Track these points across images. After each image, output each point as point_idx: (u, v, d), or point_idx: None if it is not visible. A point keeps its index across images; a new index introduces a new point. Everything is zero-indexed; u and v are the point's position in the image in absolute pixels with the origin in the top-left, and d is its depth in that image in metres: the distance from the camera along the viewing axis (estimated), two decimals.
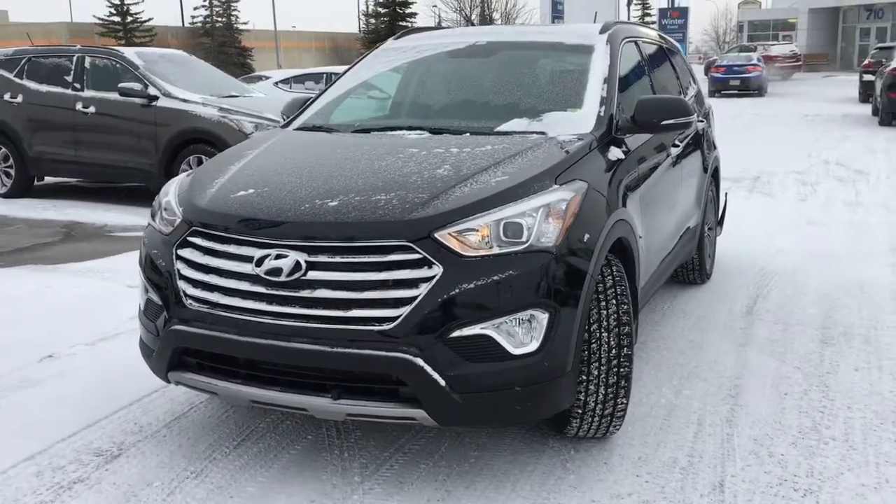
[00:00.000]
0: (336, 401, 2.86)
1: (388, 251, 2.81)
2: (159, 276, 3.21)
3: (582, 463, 3.19)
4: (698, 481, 3.04)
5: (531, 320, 2.82)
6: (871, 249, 6.80)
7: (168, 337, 3.11)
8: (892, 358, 4.26)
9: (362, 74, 4.51)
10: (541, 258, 2.84)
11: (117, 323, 4.95)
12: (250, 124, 8.73)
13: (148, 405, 3.79)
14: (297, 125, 4.18)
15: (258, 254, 2.92)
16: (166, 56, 9.98)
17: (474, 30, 5.00)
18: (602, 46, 4.11)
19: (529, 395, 2.86)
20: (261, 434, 3.47)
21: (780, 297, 5.39)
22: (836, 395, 3.79)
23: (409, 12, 35.27)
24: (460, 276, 2.77)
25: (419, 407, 2.80)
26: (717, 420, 3.54)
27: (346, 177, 3.19)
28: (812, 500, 2.89)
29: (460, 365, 2.77)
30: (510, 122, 3.71)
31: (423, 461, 3.22)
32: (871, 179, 10.59)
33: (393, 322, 2.76)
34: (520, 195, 2.95)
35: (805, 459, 3.19)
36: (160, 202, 3.45)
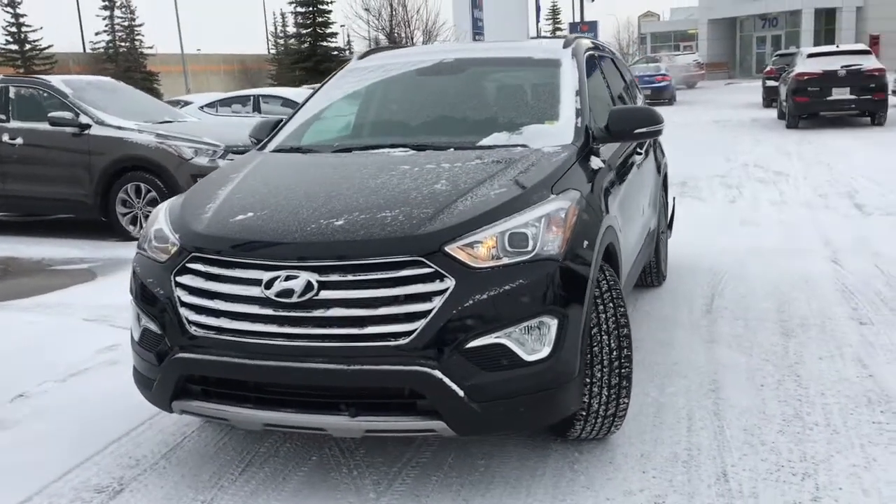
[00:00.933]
0: (354, 418, 2.88)
1: (400, 266, 2.85)
2: (157, 304, 3.16)
3: (588, 464, 3.28)
4: (702, 473, 3.16)
5: (541, 327, 2.90)
6: (806, 245, 7.15)
7: (172, 365, 3.07)
8: (850, 345, 4.51)
9: (332, 95, 4.53)
10: (547, 266, 2.93)
11: (83, 357, 4.82)
12: (189, 149, 8.61)
13: (138, 438, 3.71)
14: (274, 147, 4.18)
15: (266, 276, 2.92)
16: (94, 83, 9.74)
17: (439, 47, 5.10)
18: (568, 60, 4.25)
19: (543, 401, 2.94)
20: (263, 458, 3.45)
21: (734, 295, 5.63)
22: (809, 384, 3.99)
23: (331, 32, 35.27)
24: (472, 288, 2.83)
25: (438, 419, 2.85)
26: (705, 414, 3.69)
27: (345, 196, 3.22)
28: (811, 483, 3.05)
29: (477, 375, 2.83)
30: (491, 136, 3.79)
31: (434, 473, 3.26)
32: (790, 180, 11.10)
33: (409, 336, 2.80)
34: (521, 206, 3.04)
35: (795, 445, 3.35)
36: (150, 230, 3.40)
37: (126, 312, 5.64)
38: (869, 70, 17.58)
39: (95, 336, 5.26)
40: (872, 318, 4.95)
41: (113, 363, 4.74)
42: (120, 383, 4.35)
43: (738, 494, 2.99)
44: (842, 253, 6.72)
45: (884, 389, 3.87)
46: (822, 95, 17.72)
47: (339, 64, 36.31)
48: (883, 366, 4.18)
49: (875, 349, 4.43)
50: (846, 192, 9.83)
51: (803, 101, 17.83)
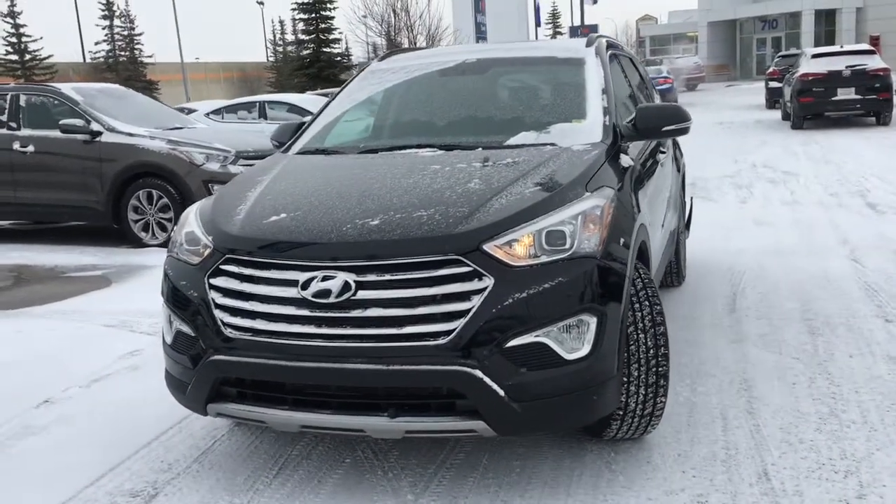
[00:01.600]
0: (393, 419, 2.86)
1: (439, 266, 2.82)
2: (190, 307, 3.14)
3: (626, 464, 3.25)
4: (742, 472, 3.13)
5: (580, 325, 2.88)
6: (823, 244, 7.12)
7: (207, 368, 3.04)
8: (878, 343, 4.48)
9: (354, 97, 4.51)
10: (585, 264, 2.90)
11: (106, 363, 4.79)
12: (201, 155, 8.60)
13: (168, 442, 3.68)
14: (298, 149, 4.16)
15: (303, 277, 2.90)
16: (105, 90, 9.74)
17: (460, 48, 5.08)
18: (592, 59, 4.23)
19: (582, 400, 2.91)
20: (297, 461, 3.42)
21: (755, 294, 5.60)
22: (842, 382, 3.96)
23: (333, 38, 35.27)
24: (511, 286, 2.81)
25: (479, 419, 2.82)
26: (739, 413, 3.66)
27: (378, 196, 3.20)
28: (854, 481, 3.02)
29: (517, 374, 2.81)
30: (518, 135, 3.77)
31: (470, 474, 3.23)
32: (800, 180, 11.07)
33: (448, 336, 2.77)
34: (557, 204, 3.02)
35: (834, 443, 3.32)
36: (181, 233, 3.38)
37: (146, 318, 5.70)
38: (874, 70, 17.55)
39: (116, 342, 5.23)
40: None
41: (135, 368, 4.72)
42: (144, 388, 4.36)
43: (783, 493, 2.96)
44: (860, 252, 6.69)
45: None
46: (827, 96, 17.70)
47: (341, 70, 36.68)
48: None
49: None
50: (857, 192, 9.80)
51: (808, 101, 17.81)
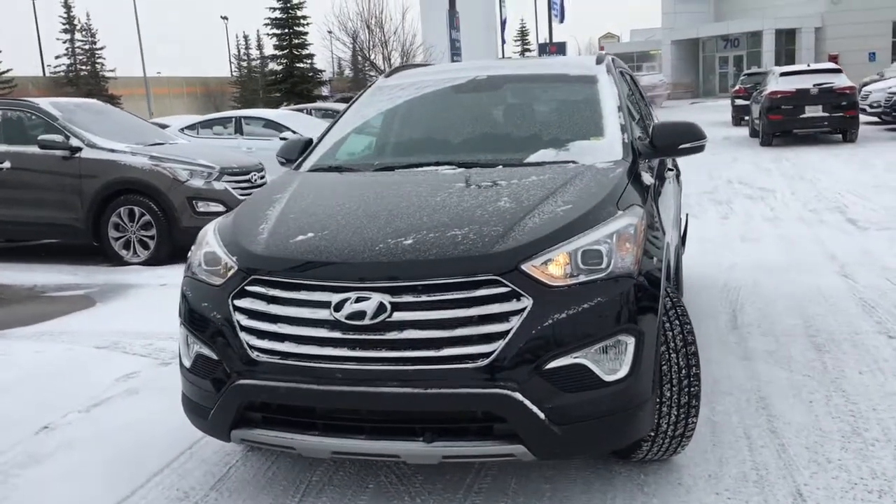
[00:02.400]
0: (430, 444, 2.78)
1: (476, 286, 2.77)
2: (213, 329, 3.04)
3: (657, 486, 3.21)
4: (777, 492, 3.11)
5: (618, 346, 2.83)
6: (811, 260, 7.18)
7: (233, 393, 2.95)
8: (885, 359, 4.50)
9: (364, 113, 4.45)
10: (623, 284, 2.87)
11: (103, 387, 4.65)
12: (185, 171, 8.47)
13: (180, 469, 3.56)
14: (310, 167, 4.08)
15: (335, 298, 2.82)
16: (83, 105, 9.55)
17: (467, 64, 5.04)
18: (605, 77, 4.22)
19: (621, 422, 2.87)
20: (319, 487, 3.32)
21: (755, 311, 5.61)
22: (858, 399, 3.96)
23: (307, 53, 34.98)
24: (550, 307, 2.76)
25: (518, 443, 2.76)
26: (762, 432, 3.64)
27: (407, 214, 3.13)
28: (890, 500, 3.01)
29: (557, 396, 2.75)
30: (538, 152, 3.74)
31: (500, 498, 3.17)
32: (777, 196, 11.21)
33: (488, 358, 2.71)
34: (592, 223, 2.98)
35: (863, 462, 3.31)
36: (199, 253, 3.28)
37: (138, 339, 5.55)
38: (840, 88, 17.91)
39: (110, 364, 5.08)
40: None
41: (134, 392, 4.58)
42: (146, 412, 4.23)
43: None
44: (850, 267, 6.76)
45: None
46: (796, 113, 18.01)
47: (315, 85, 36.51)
48: None
49: None
50: (836, 208, 9.94)
51: (777, 118, 18.12)
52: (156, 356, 5.21)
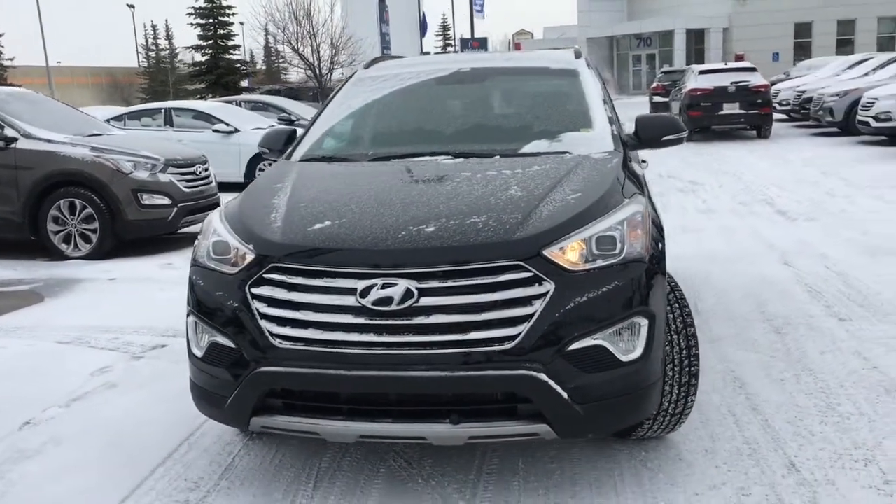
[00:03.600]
0: (457, 425, 2.85)
1: (501, 272, 2.85)
2: (229, 317, 3.04)
3: (660, 461, 3.36)
4: (772, 464, 3.29)
5: (633, 327, 2.96)
6: (752, 250, 7.52)
7: (254, 380, 2.95)
8: (842, 340, 4.79)
9: (349, 104, 4.46)
10: (637, 268, 3.00)
11: (79, 382, 4.54)
12: (128, 163, 8.27)
13: (183, 460, 3.54)
14: (301, 156, 4.08)
15: (361, 285, 2.86)
16: (15, 94, 9.20)
17: (450, 57, 5.11)
18: (586, 70, 4.36)
19: (636, 400, 3.00)
20: (330, 473, 3.35)
21: (712, 298, 5.86)
22: (825, 377, 4.21)
23: (233, 45, 34.23)
24: (571, 291, 2.86)
25: (543, 422, 2.86)
26: (745, 410, 3.84)
27: (422, 202, 3.19)
28: (875, 468, 3.23)
29: (578, 377, 2.86)
30: (531, 143, 3.84)
31: (511, 478, 3.26)
32: (707, 189, 11.65)
33: (513, 341, 2.80)
34: (603, 210, 3.10)
35: (843, 434, 3.54)
36: (208, 242, 3.26)
37: (101, 334, 5.44)
38: (755, 86, 18.68)
39: (80, 359, 4.97)
40: (849, 315, 5.27)
41: (112, 386, 4.49)
42: (132, 406, 4.18)
43: (817, 482, 3.13)
44: (790, 256, 7.11)
45: (894, 380, 4.13)
46: (714, 110, 18.70)
47: (242, 77, 35.76)
48: (882, 357, 4.46)
49: (865, 342, 4.72)
50: (764, 200, 10.39)
51: (697, 115, 18.76)
52: (125, 350, 5.11)
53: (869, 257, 6.86)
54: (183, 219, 8.68)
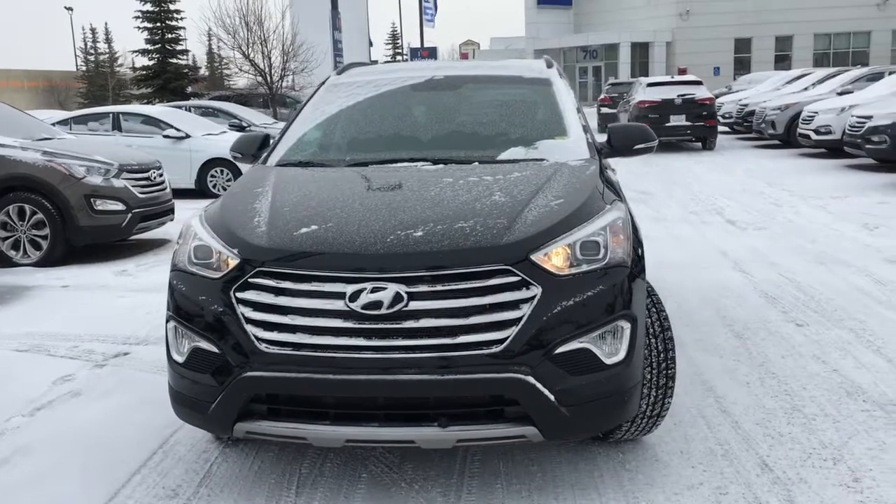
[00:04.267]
0: (445, 428, 2.87)
1: (489, 276, 2.88)
2: (213, 322, 3.01)
3: (638, 463, 3.42)
4: (745, 464, 3.38)
5: (616, 331, 3.02)
6: (706, 258, 7.70)
7: (240, 385, 2.93)
8: (800, 345, 4.93)
9: (324, 109, 4.45)
10: (620, 272, 3.06)
11: (40, 390, 4.44)
12: (81, 168, 8.10)
13: (159, 468, 3.48)
14: (278, 161, 4.06)
15: (349, 289, 2.86)
16: None
17: (422, 64, 5.12)
18: (558, 79, 4.43)
19: (618, 403, 3.05)
20: (312, 479, 3.34)
21: (672, 304, 5.97)
22: (788, 380, 4.33)
23: (181, 49, 33.66)
24: (557, 295, 2.91)
25: (530, 424, 2.89)
26: (715, 412, 3.93)
27: (407, 208, 3.20)
28: (844, 467, 3.34)
29: (564, 379, 2.90)
30: (508, 150, 3.89)
31: (494, 481, 3.29)
32: (658, 198, 11.87)
33: (501, 344, 2.83)
34: (587, 216, 3.16)
35: (811, 434, 3.65)
36: (189, 246, 3.23)
37: (60, 342, 5.34)
38: (701, 99, 19.12)
39: (39, 367, 4.85)
40: (805, 320, 5.43)
41: (77, 394, 4.40)
42: (98, 414, 4.10)
43: (790, 481, 3.22)
44: (743, 264, 7.30)
45: (853, 382, 4.27)
46: (662, 122, 19.04)
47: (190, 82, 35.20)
48: (839, 361, 4.61)
49: (823, 347, 4.87)
50: (713, 210, 10.64)
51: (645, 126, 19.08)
52: (87, 358, 5.00)
53: (818, 265, 7.08)
54: (137, 225, 8.52)
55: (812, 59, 45.33)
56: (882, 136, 13.69)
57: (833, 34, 46.44)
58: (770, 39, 46.66)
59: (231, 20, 19.98)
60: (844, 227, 8.86)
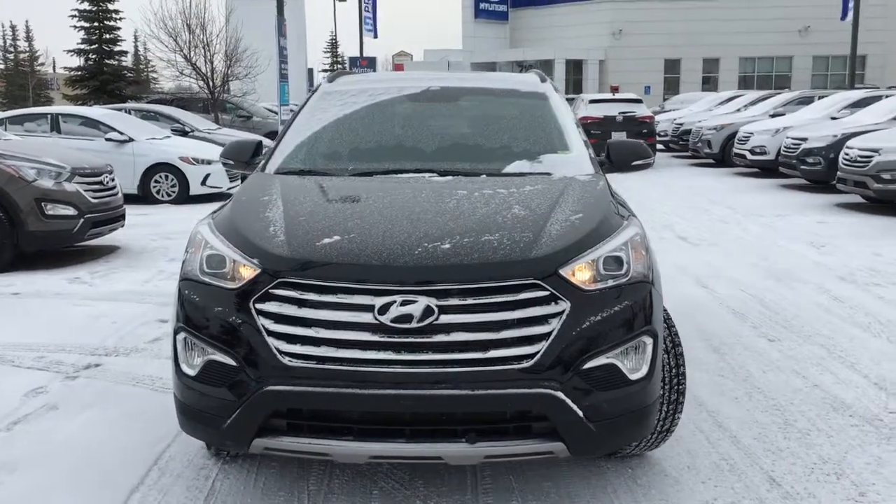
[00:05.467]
0: (473, 445, 2.83)
1: (518, 290, 2.85)
2: (231, 334, 2.91)
3: (649, 478, 3.43)
4: (753, 479, 3.42)
5: (639, 346, 3.03)
6: (667, 273, 7.71)
7: (261, 399, 2.83)
8: (777, 360, 5.04)
9: (320, 118, 4.34)
10: (643, 288, 3.07)
11: (13, 404, 4.26)
12: (31, 170, 7.77)
13: (157, 486, 3.35)
14: (276, 169, 3.96)
15: (379, 302, 2.80)
16: None
17: (415, 74, 5.08)
18: (553, 94, 4.45)
19: (641, 418, 3.06)
20: (322, 495, 3.25)
21: None
22: (774, 395, 4.42)
23: (120, 50, 32.60)
24: (585, 310, 2.90)
25: (558, 440, 2.87)
26: (711, 427, 3.98)
27: (427, 220, 3.15)
28: (847, 481, 3.41)
29: (592, 395, 2.89)
30: (513, 163, 3.88)
31: (509, 497, 3.26)
32: None
33: (532, 359, 2.81)
34: (609, 231, 3.16)
35: (808, 449, 3.72)
36: (201, 255, 3.11)
37: (25, 352, 5.11)
38: (641, 117, 19.52)
39: (6, 378, 4.63)
40: (776, 336, 5.56)
41: (53, 408, 4.21)
42: (80, 429, 3.95)
43: (799, 496, 3.28)
44: (705, 279, 7.43)
45: (836, 397, 4.38)
46: (603, 138, 19.21)
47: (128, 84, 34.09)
48: (818, 376, 4.72)
49: (799, 362, 4.99)
50: (665, 226, 10.83)
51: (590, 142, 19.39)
52: (56, 370, 4.79)
53: (776, 281, 7.26)
54: (88, 231, 8.22)
55: (737, 82, 46.75)
56: (817, 157, 14.23)
57: (757, 58, 48.02)
58: (698, 61, 47.94)
59: (173, 23, 19.55)
60: (793, 246, 9.12)
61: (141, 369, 4.80)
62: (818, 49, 46.01)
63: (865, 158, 11.94)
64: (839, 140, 13.70)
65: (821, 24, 44.54)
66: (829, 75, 47.43)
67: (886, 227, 10.45)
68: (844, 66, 45.79)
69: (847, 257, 8.38)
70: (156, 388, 4.49)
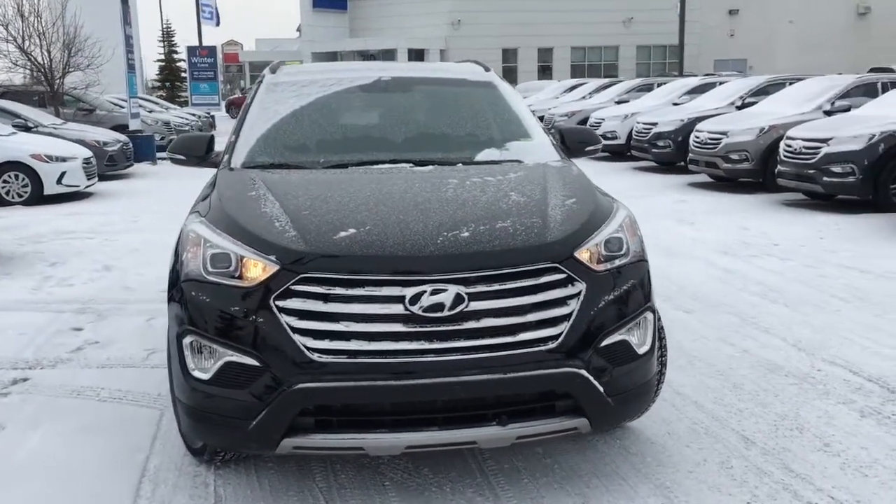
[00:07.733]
0: (505, 427, 2.89)
1: (539, 274, 2.94)
2: (251, 335, 2.83)
3: (639, 447, 3.62)
4: (729, 439, 3.67)
5: (643, 322, 3.20)
6: None
7: (291, 398, 2.77)
8: (700, 329, 5.39)
9: (275, 109, 4.20)
10: (643, 266, 3.25)
11: None
12: None
13: (157, 497, 3.20)
14: (242, 163, 3.84)
15: (409, 292, 2.80)
16: None
17: (360, 65, 4.99)
18: (501, 83, 4.55)
19: (646, 390, 3.24)
20: (336, 492, 3.21)
21: None
22: (713, 362, 4.73)
23: None
24: (599, 290, 3.03)
25: (582, 416, 2.98)
26: (672, 394, 4.19)
27: (436, 209, 3.17)
28: (810, 434, 3.73)
29: (609, 371, 3.03)
30: (482, 152, 3.96)
31: (520, 477, 3.35)
32: None
33: (557, 340, 2.91)
34: (605, 214, 3.31)
35: (764, 408, 4.02)
36: (202, 254, 2.99)
37: None
38: None
39: None
40: (690, 307, 5.92)
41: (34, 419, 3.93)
42: (37, 448, 3.67)
43: (775, 451, 3.56)
44: None
45: (767, 360, 4.74)
46: None
47: None
48: (743, 342, 5.09)
49: (721, 330, 5.33)
50: None
51: None
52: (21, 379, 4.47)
53: (667, 257, 7.69)
54: None
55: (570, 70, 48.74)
56: (667, 140, 15.17)
57: (588, 47, 50.23)
58: (533, 50, 49.55)
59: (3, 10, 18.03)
60: (666, 223, 9.68)
61: (75, 380, 4.52)
62: (641, 39, 48.69)
63: (714, 141, 12.87)
64: (686, 124, 14.70)
65: (643, 16, 47.19)
66: (651, 63, 50.27)
67: (742, 202, 11.31)
68: (664, 56, 48.89)
69: (720, 232, 9.02)
70: (102, 398, 4.24)
